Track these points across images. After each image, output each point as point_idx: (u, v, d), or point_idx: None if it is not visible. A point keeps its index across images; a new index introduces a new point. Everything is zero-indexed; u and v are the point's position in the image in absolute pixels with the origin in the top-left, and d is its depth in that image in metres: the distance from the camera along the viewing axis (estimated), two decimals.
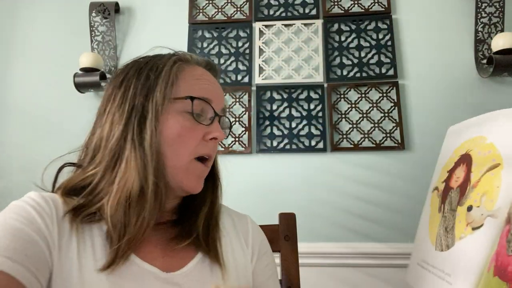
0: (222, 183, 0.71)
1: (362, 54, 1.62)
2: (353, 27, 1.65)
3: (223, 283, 0.61)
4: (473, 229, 0.46)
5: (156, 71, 0.61)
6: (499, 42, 1.44)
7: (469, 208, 0.48)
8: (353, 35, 1.64)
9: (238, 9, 1.71)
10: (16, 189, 1.57)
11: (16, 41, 1.79)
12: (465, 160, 0.55)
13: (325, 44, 1.64)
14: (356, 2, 1.67)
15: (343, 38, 1.65)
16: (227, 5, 1.73)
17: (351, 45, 1.63)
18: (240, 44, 1.68)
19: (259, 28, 1.68)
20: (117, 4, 1.73)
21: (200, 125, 0.61)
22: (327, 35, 1.65)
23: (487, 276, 0.40)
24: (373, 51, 1.61)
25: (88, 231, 0.56)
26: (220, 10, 1.72)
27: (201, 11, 1.72)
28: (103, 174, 0.58)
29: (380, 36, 1.62)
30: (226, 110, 0.69)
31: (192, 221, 0.64)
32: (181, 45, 1.67)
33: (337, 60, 1.62)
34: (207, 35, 1.70)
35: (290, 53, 1.64)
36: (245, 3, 1.72)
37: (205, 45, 1.69)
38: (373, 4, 1.66)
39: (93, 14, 1.72)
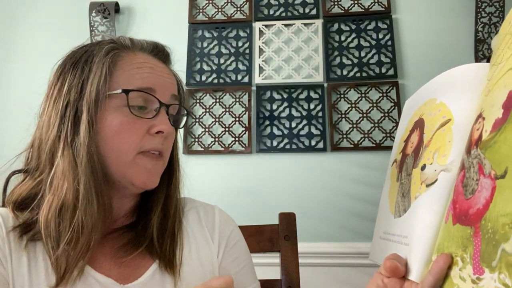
0: (180, 180, 0.65)
1: (362, 54, 1.62)
2: (353, 27, 1.65)
3: None
4: (427, 186, 0.45)
5: (90, 62, 0.55)
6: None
7: (423, 167, 0.47)
8: (353, 35, 1.64)
9: (238, 9, 1.71)
10: None
11: (16, 41, 1.79)
12: (419, 125, 0.54)
13: (325, 44, 1.64)
14: (356, 2, 1.67)
15: (343, 38, 1.65)
16: (227, 5, 1.73)
17: (351, 45, 1.63)
18: (240, 44, 1.68)
19: (259, 28, 1.68)
20: (117, 4, 1.73)
21: (142, 119, 0.55)
22: (327, 35, 1.65)
23: (446, 228, 0.39)
24: (373, 51, 1.61)
25: (41, 246, 0.53)
26: (220, 10, 1.72)
27: (201, 11, 1.72)
28: (45, 181, 0.54)
29: (380, 36, 1.62)
30: (180, 96, 0.64)
31: (145, 224, 0.59)
32: (181, 45, 1.67)
33: (337, 60, 1.62)
34: (207, 35, 1.70)
35: (290, 53, 1.64)
36: (245, 3, 1.71)
37: (205, 45, 1.69)
38: (373, 4, 1.66)
39: (93, 14, 1.72)
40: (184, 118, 0.65)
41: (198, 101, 1.63)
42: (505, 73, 0.35)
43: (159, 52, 0.63)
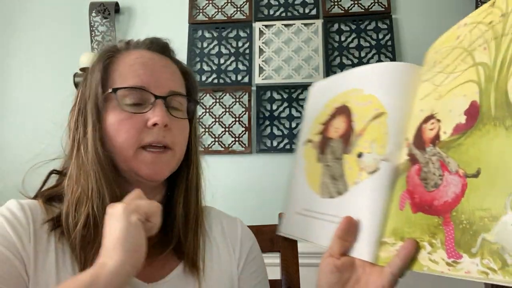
0: (201, 174, 0.67)
1: (362, 54, 1.62)
2: (353, 27, 1.65)
3: None
4: (369, 173, 0.50)
5: (92, 70, 0.61)
6: None
7: (360, 155, 0.52)
8: (353, 35, 1.64)
9: (238, 9, 1.71)
10: (15, 190, 1.57)
11: (16, 41, 1.79)
12: (343, 111, 0.58)
13: (325, 44, 1.64)
14: (356, 2, 1.67)
15: (343, 38, 1.65)
16: (227, 5, 1.73)
17: (351, 45, 1.63)
18: (240, 44, 1.68)
19: (259, 28, 1.68)
20: (117, 4, 1.73)
21: (138, 114, 0.57)
22: (327, 35, 1.65)
23: (403, 215, 0.44)
24: (373, 51, 1.61)
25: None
26: (220, 10, 1.72)
27: (201, 11, 1.72)
28: (66, 182, 0.57)
29: (380, 36, 1.62)
30: (189, 83, 0.64)
31: (171, 223, 0.60)
32: (181, 45, 1.67)
33: (337, 60, 1.62)
34: (207, 35, 1.70)
35: (290, 53, 1.64)
36: (245, 3, 1.71)
37: (205, 45, 1.69)
38: (373, 4, 1.66)
39: (93, 14, 1.72)
40: (182, 113, 0.63)
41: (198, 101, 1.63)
42: (463, 83, 0.42)
43: (153, 44, 0.63)
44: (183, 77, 0.64)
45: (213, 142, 1.59)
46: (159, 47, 0.63)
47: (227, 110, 1.62)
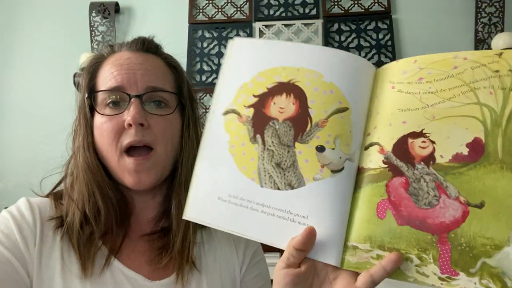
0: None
1: (362, 54, 1.62)
2: (353, 27, 1.65)
3: None
4: (333, 171, 0.47)
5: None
6: (499, 42, 1.45)
7: (321, 149, 0.48)
8: (353, 35, 1.64)
9: (238, 9, 1.71)
10: (16, 190, 1.57)
11: (16, 41, 1.79)
12: (291, 90, 0.51)
13: (325, 44, 1.64)
14: (356, 2, 1.67)
15: (343, 38, 1.65)
16: (227, 5, 1.73)
17: (351, 45, 1.63)
18: None
19: (259, 28, 1.68)
20: (117, 4, 1.73)
21: (116, 116, 0.56)
22: (327, 35, 1.65)
23: (384, 223, 0.44)
24: (373, 51, 1.61)
25: None
26: (220, 10, 1.72)
27: (201, 11, 1.72)
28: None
29: (380, 36, 1.62)
30: (159, 86, 0.60)
31: (173, 230, 0.60)
32: (181, 45, 1.67)
33: None
34: (207, 35, 1.70)
35: None
36: (245, 3, 1.71)
37: (205, 45, 1.69)
38: (373, 4, 1.66)
39: (93, 14, 1.72)
40: (161, 110, 0.60)
41: (198, 101, 1.63)
42: (466, 116, 0.44)
43: (133, 44, 0.62)
44: (171, 70, 0.63)
45: None
46: (140, 45, 0.62)
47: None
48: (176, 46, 0.70)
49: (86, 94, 0.59)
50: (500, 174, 0.41)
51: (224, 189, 0.50)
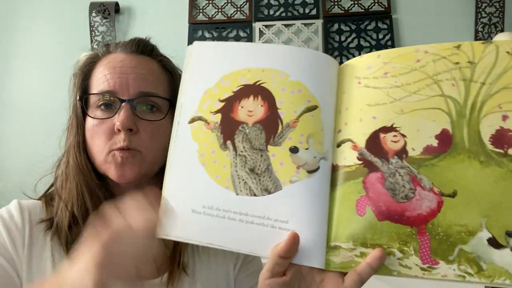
0: None
1: (362, 54, 1.62)
2: (353, 27, 1.65)
3: None
4: (309, 172, 0.46)
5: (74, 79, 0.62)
6: None
7: (295, 150, 0.47)
8: (353, 35, 1.64)
9: (238, 9, 1.72)
10: (15, 190, 1.57)
11: (16, 41, 1.79)
12: (258, 92, 0.50)
13: (325, 44, 1.64)
14: (356, 2, 1.67)
15: (343, 38, 1.65)
16: (227, 5, 1.73)
17: (351, 45, 1.63)
18: None
19: (259, 28, 1.68)
20: (117, 4, 1.73)
21: (107, 119, 0.56)
22: (327, 35, 1.65)
23: (365, 220, 0.44)
24: (373, 51, 1.61)
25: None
26: (220, 10, 1.72)
27: (201, 11, 1.72)
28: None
29: (380, 36, 1.62)
30: (152, 91, 0.59)
31: None
32: (181, 45, 1.67)
33: (337, 60, 1.62)
34: (207, 35, 1.70)
35: None
36: (245, 3, 1.72)
37: None
38: (373, 4, 1.66)
39: (93, 14, 1.72)
40: (152, 115, 0.59)
41: None
42: (432, 109, 0.46)
43: (128, 45, 0.61)
44: (165, 74, 0.62)
45: None
46: (135, 46, 0.61)
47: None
48: (176, 46, 0.70)
49: (78, 96, 0.59)
50: (468, 163, 0.43)
51: (198, 200, 0.47)
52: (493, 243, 0.40)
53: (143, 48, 0.62)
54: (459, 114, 0.45)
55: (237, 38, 1.68)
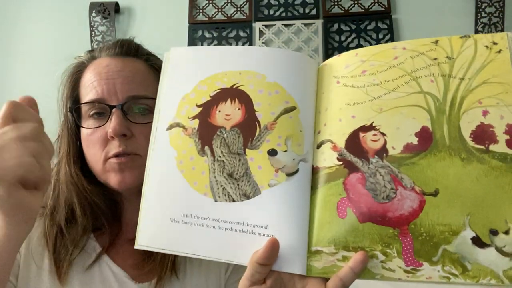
0: None
1: None
2: (353, 27, 1.65)
3: None
4: (288, 175, 0.45)
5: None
6: None
7: (273, 153, 0.46)
8: (353, 35, 1.64)
9: (238, 9, 1.72)
10: None
11: (16, 41, 1.79)
12: (235, 96, 0.49)
13: (325, 44, 1.64)
14: (356, 2, 1.67)
15: (343, 38, 1.65)
16: (227, 5, 1.73)
17: (351, 45, 1.63)
18: (240, 44, 1.68)
19: (259, 28, 1.68)
20: (117, 4, 1.73)
21: (99, 128, 0.56)
22: (327, 35, 1.65)
23: (346, 222, 0.43)
24: None
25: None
26: (220, 10, 1.72)
27: (201, 11, 1.72)
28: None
29: (380, 36, 1.62)
30: (141, 93, 0.58)
31: None
32: (181, 45, 1.67)
33: None
34: (207, 35, 1.70)
35: None
36: (245, 3, 1.72)
37: (205, 45, 1.69)
38: (373, 4, 1.66)
39: (93, 14, 1.72)
40: (144, 117, 0.58)
41: None
42: (411, 106, 0.45)
43: (111, 49, 0.61)
44: (153, 73, 0.61)
45: None
46: (119, 49, 0.61)
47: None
48: (176, 46, 0.69)
49: (68, 107, 0.59)
50: (449, 160, 0.42)
51: (176, 209, 0.46)
52: (477, 242, 0.39)
53: (128, 49, 0.61)
54: (438, 111, 0.44)
55: (237, 38, 1.68)
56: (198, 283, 0.61)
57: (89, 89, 0.57)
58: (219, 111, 0.49)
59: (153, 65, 0.62)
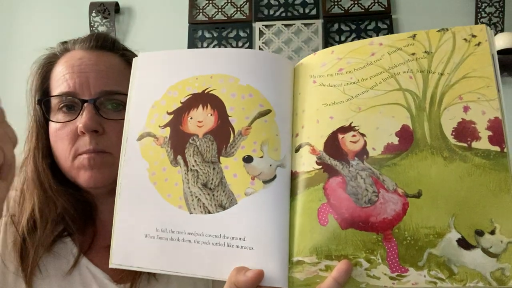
0: None
1: None
2: (353, 27, 1.65)
3: None
4: (265, 182, 0.43)
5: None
6: (499, 42, 1.44)
7: (248, 159, 0.44)
8: (353, 35, 1.64)
9: (238, 9, 1.72)
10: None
11: (16, 41, 1.79)
12: (207, 101, 0.47)
13: (325, 44, 1.63)
14: (356, 2, 1.67)
15: (343, 38, 1.65)
16: (227, 5, 1.73)
17: None
18: (240, 44, 1.68)
19: (259, 28, 1.68)
20: (117, 4, 1.73)
21: (69, 122, 0.54)
22: (327, 35, 1.65)
23: (327, 229, 0.41)
24: None
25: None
26: (220, 10, 1.72)
27: (201, 11, 1.72)
28: None
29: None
30: (115, 88, 0.56)
31: None
32: (181, 45, 1.67)
33: None
34: (207, 35, 1.70)
35: (290, 53, 1.64)
36: (245, 3, 1.72)
37: (205, 45, 1.69)
38: (373, 4, 1.66)
39: (93, 14, 1.72)
40: (117, 113, 0.56)
41: None
42: (390, 104, 0.43)
43: (85, 41, 0.58)
44: (129, 68, 0.57)
45: None
46: (94, 42, 0.58)
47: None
48: (176, 46, 0.70)
49: (37, 99, 0.56)
50: (431, 160, 0.40)
51: (150, 223, 0.44)
52: (463, 244, 0.38)
53: (103, 43, 0.59)
54: (418, 108, 0.42)
55: (237, 38, 1.68)
56: (184, 280, 0.59)
57: (60, 82, 0.54)
58: (191, 118, 0.46)
59: (129, 60, 0.58)
